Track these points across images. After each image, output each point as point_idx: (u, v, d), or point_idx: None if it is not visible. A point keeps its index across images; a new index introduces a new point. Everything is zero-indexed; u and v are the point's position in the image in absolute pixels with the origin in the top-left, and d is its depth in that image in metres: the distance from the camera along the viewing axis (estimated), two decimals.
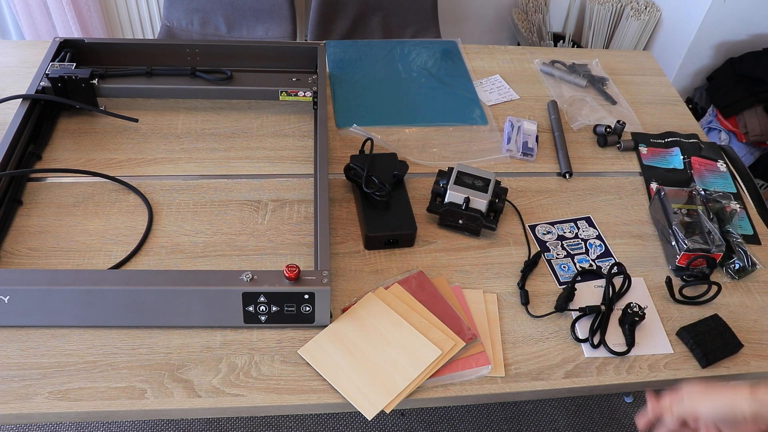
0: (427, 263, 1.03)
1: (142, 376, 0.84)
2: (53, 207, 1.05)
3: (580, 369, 0.91)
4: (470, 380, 0.88)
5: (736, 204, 1.14)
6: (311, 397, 0.84)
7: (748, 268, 1.04)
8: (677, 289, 1.02)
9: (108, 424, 1.58)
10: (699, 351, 0.93)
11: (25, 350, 0.86)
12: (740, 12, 2.13)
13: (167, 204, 1.07)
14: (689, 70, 2.30)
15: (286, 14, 2.03)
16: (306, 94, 1.25)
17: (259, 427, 1.60)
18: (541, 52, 1.56)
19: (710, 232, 1.03)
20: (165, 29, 2.04)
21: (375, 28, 2.08)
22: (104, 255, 0.99)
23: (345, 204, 1.11)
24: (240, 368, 0.86)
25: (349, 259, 1.02)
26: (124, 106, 1.26)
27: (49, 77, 1.17)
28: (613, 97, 1.42)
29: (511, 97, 1.41)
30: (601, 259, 1.07)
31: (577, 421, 1.69)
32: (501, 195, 1.08)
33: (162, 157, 1.16)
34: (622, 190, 1.21)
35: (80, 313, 0.86)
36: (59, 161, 1.13)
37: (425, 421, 1.65)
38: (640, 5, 2.32)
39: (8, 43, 1.46)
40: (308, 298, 0.86)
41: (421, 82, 1.41)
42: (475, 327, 0.94)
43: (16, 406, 0.80)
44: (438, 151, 1.25)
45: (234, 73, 1.27)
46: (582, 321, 0.96)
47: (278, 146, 1.20)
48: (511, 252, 1.06)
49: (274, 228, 1.05)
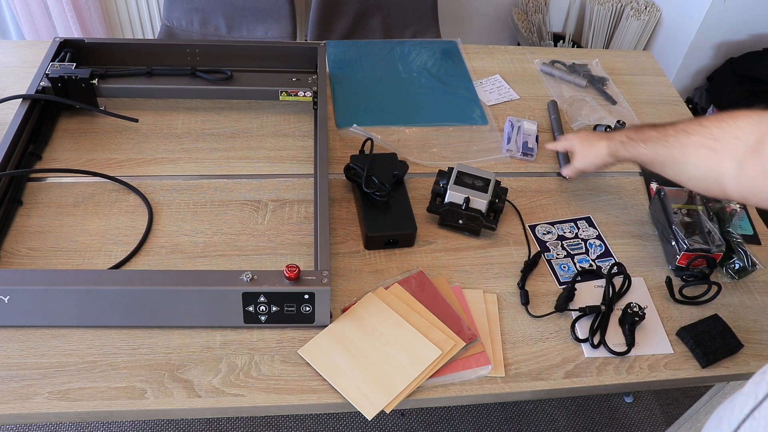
0: (427, 263, 1.03)
1: (142, 376, 0.84)
2: (53, 207, 1.05)
3: (580, 369, 0.91)
4: (470, 380, 0.88)
5: (736, 204, 1.14)
6: (311, 397, 0.84)
7: (748, 268, 1.04)
8: (677, 289, 1.02)
9: (108, 424, 1.58)
10: (699, 351, 0.93)
11: (25, 350, 0.86)
12: (740, 12, 2.13)
13: (167, 204, 1.07)
14: (689, 70, 2.30)
15: (286, 14, 2.03)
16: (306, 94, 1.25)
17: (259, 427, 1.60)
18: (541, 52, 1.56)
19: (710, 232, 1.03)
20: (165, 29, 2.04)
21: (375, 28, 2.08)
22: (104, 255, 0.99)
23: (345, 204, 1.11)
24: (240, 368, 0.86)
25: (349, 259, 1.02)
26: (124, 106, 1.26)
27: (49, 77, 1.17)
28: (613, 97, 1.42)
29: (511, 97, 1.41)
30: (601, 259, 1.07)
31: (577, 421, 1.69)
32: (501, 195, 1.08)
33: (162, 157, 1.16)
34: (622, 190, 1.21)
35: (80, 313, 0.86)
36: (59, 161, 1.13)
37: (425, 421, 1.65)
38: (640, 5, 2.32)
39: (8, 43, 1.47)
40: (308, 298, 0.86)
41: (421, 82, 1.41)
42: (475, 327, 0.94)
43: (16, 406, 0.80)
44: (438, 151, 1.25)
45: (234, 73, 1.27)
46: (582, 321, 0.96)
47: (278, 146, 1.20)
48: (511, 252, 1.06)
49: (274, 228, 1.05)
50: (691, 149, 0.86)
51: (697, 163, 0.85)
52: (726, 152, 0.81)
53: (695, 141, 0.85)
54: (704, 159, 0.84)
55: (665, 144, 0.90)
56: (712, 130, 0.83)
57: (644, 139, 0.95)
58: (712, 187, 0.84)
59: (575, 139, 1.12)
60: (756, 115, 0.80)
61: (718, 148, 0.82)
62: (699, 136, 0.85)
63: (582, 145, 1.10)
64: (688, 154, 0.86)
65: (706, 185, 0.85)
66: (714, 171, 0.83)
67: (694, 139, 0.85)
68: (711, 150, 0.83)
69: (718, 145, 0.82)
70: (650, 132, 0.94)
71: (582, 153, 1.10)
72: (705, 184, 0.85)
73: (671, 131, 0.90)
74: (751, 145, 0.78)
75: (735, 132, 0.81)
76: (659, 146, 0.91)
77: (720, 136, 0.82)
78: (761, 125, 0.78)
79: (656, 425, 1.71)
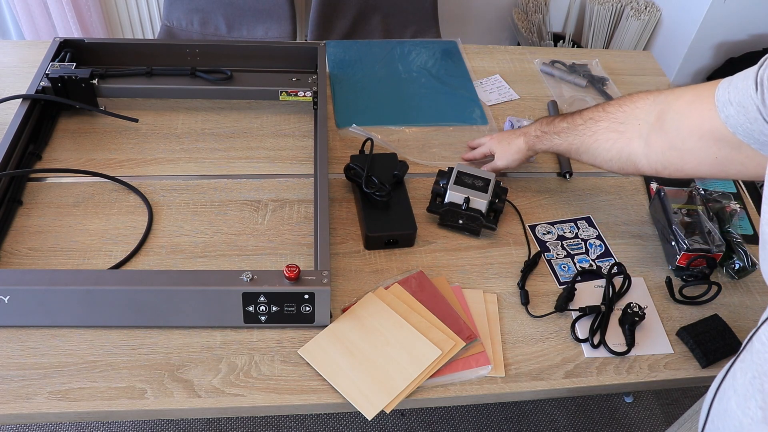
0: (427, 263, 1.03)
1: (142, 376, 0.84)
2: (53, 207, 1.05)
3: (580, 369, 0.91)
4: (470, 380, 0.88)
5: (736, 204, 1.14)
6: (311, 397, 0.84)
7: (748, 268, 1.04)
8: (677, 289, 1.02)
9: (108, 424, 1.58)
10: (699, 351, 0.93)
11: (25, 350, 0.86)
12: (740, 12, 2.12)
13: (167, 204, 1.07)
14: (689, 70, 2.30)
15: (286, 14, 2.03)
16: (306, 94, 1.25)
17: (259, 427, 1.60)
18: (541, 52, 1.56)
19: (710, 232, 1.03)
20: (165, 29, 2.04)
21: (375, 28, 2.08)
22: (104, 255, 0.99)
23: (345, 204, 1.11)
24: (240, 368, 0.86)
25: (349, 259, 1.02)
26: (124, 106, 1.26)
27: (49, 77, 1.17)
28: (613, 97, 1.42)
29: (511, 97, 1.41)
30: (601, 259, 1.07)
31: (577, 421, 1.69)
32: (501, 195, 1.08)
33: (162, 157, 1.16)
34: (622, 190, 1.21)
35: (80, 313, 0.86)
36: (59, 161, 1.13)
37: (425, 421, 1.65)
38: (640, 5, 2.32)
39: (8, 43, 1.47)
40: (308, 298, 0.86)
41: (421, 82, 1.41)
42: (475, 327, 0.94)
43: (16, 406, 0.80)
44: (438, 151, 1.25)
45: (234, 73, 1.27)
46: (582, 321, 0.96)
47: (278, 146, 1.20)
48: (511, 252, 1.06)
49: (274, 228, 1.05)
50: (600, 134, 0.94)
51: (608, 146, 0.93)
52: (632, 133, 0.90)
53: (602, 126, 0.93)
54: (614, 142, 0.92)
55: (576, 133, 0.97)
56: (616, 114, 0.91)
57: (557, 131, 1.02)
58: (627, 166, 0.92)
59: (492, 142, 1.16)
60: (651, 95, 0.88)
61: (623, 130, 0.91)
62: (605, 121, 0.93)
63: (500, 145, 1.14)
64: (599, 140, 0.94)
65: (621, 165, 0.93)
66: (625, 151, 0.91)
67: (602, 125, 0.93)
68: (618, 133, 0.91)
69: (624, 128, 0.90)
70: (561, 123, 1.01)
71: (502, 152, 1.13)
72: (619, 164, 0.93)
73: (579, 120, 0.97)
74: (651, 123, 0.86)
75: (636, 113, 0.89)
76: (571, 136, 0.99)
77: (623, 119, 0.91)
78: (657, 104, 0.86)
79: (656, 425, 1.71)
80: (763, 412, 0.58)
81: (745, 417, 0.60)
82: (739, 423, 0.61)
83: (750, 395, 0.60)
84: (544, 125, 1.05)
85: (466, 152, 1.22)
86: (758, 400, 0.58)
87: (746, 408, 0.60)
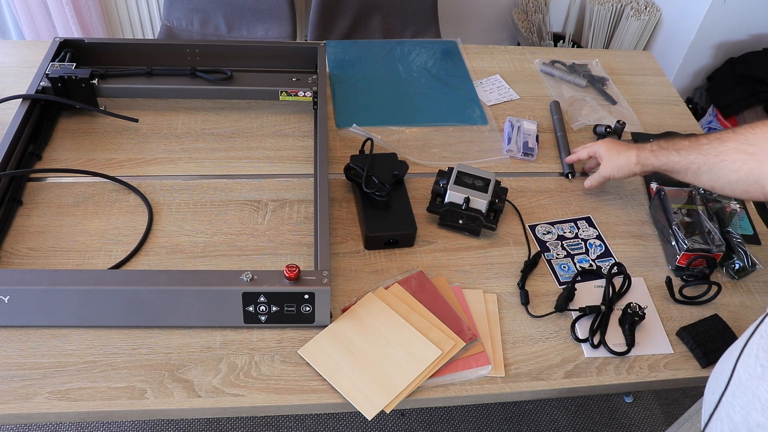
0: (427, 263, 1.03)
1: (142, 376, 0.84)
2: (53, 207, 1.05)
3: (580, 369, 0.91)
4: (470, 380, 0.88)
5: (736, 204, 1.14)
6: (311, 397, 0.84)
7: (748, 268, 1.04)
8: (677, 289, 1.02)
9: (108, 424, 1.58)
10: (699, 351, 0.93)
11: (25, 350, 0.86)
12: (740, 12, 2.13)
13: (167, 204, 1.07)
14: (689, 70, 2.30)
15: (286, 14, 2.03)
16: (306, 94, 1.25)
17: (259, 427, 1.60)
18: (541, 52, 1.56)
19: (710, 232, 1.03)
20: (165, 29, 2.04)
21: (375, 28, 2.08)
22: (104, 255, 0.99)
23: (345, 204, 1.11)
24: (240, 368, 0.86)
25: (349, 259, 1.02)
26: (124, 106, 1.26)
27: (49, 77, 1.17)
28: (613, 97, 1.42)
29: (511, 97, 1.41)
30: (601, 259, 1.07)
31: (577, 421, 1.69)
32: (501, 195, 1.08)
33: (162, 157, 1.16)
34: (622, 190, 1.21)
35: (80, 313, 0.86)
36: (59, 161, 1.13)
37: (425, 421, 1.65)
38: (640, 5, 2.32)
39: (8, 43, 1.47)
40: (308, 298, 0.86)
41: (421, 82, 1.41)
42: (475, 327, 0.94)
43: (16, 406, 0.80)
44: (438, 151, 1.25)
45: (234, 73, 1.27)
46: (582, 321, 0.96)
47: (278, 146, 1.20)
48: (511, 252, 1.06)
49: (274, 228, 1.05)
50: (728, 155, 0.89)
51: (735, 167, 0.88)
52: (763, 155, 0.85)
53: (731, 147, 0.89)
54: (742, 163, 0.87)
55: (699, 152, 0.94)
56: (747, 135, 0.87)
57: (677, 148, 0.98)
58: (752, 189, 0.88)
59: (601, 147, 1.12)
60: None
61: (753, 152, 0.86)
62: (734, 142, 0.89)
63: (609, 153, 1.10)
64: (725, 160, 0.89)
65: (746, 188, 0.88)
66: (753, 173, 0.86)
67: (730, 145, 0.89)
68: (747, 154, 0.87)
69: (754, 149, 0.86)
70: (682, 141, 0.98)
71: (609, 160, 1.09)
72: (744, 186, 0.88)
73: (704, 140, 0.94)
74: None
75: None
76: (693, 154, 0.95)
77: (755, 141, 0.86)
78: None
79: (656, 425, 1.71)
80: (762, 369, 0.59)
81: (745, 373, 0.61)
82: (739, 380, 0.62)
83: (753, 353, 0.61)
84: (662, 142, 1.02)
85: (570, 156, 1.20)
86: (761, 358, 0.60)
87: (747, 365, 0.61)
